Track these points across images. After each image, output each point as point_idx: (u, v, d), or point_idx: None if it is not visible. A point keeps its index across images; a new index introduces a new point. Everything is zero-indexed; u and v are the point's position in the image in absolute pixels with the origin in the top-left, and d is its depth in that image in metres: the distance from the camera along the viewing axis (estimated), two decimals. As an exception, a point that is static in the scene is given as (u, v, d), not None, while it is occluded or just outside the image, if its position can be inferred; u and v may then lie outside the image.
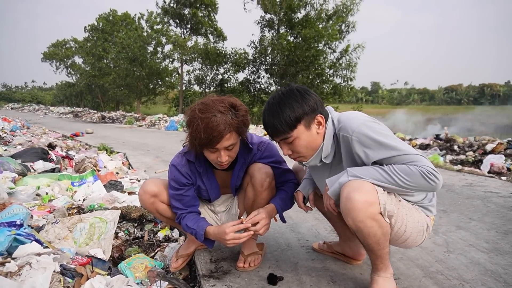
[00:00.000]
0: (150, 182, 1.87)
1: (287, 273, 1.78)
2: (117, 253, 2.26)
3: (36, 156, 4.08)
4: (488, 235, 2.27)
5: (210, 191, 1.86)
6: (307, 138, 1.49)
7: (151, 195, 1.83)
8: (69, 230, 2.09)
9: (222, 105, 1.55)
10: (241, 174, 1.82)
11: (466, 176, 4.10)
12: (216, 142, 1.53)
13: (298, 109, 1.45)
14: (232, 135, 1.56)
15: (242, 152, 1.78)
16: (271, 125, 1.49)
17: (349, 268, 1.83)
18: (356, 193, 1.36)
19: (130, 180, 4.08)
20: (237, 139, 1.62)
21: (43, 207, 2.52)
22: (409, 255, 1.97)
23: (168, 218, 1.94)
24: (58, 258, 1.73)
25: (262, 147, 1.81)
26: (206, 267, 1.88)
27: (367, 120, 1.47)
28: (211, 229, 1.69)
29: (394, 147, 1.38)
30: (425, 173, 1.33)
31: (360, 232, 1.42)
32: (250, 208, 1.84)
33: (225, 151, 1.59)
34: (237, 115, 1.57)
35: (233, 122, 1.55)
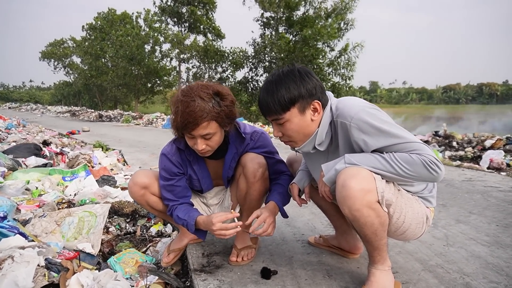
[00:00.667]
0: (140, 173, 1.81)
1: (282, 267, 1.72)
2: (107, 248, 2.20)
3: (28, 151, 4.01)
4: (488, 228, 2.21)
5: (201, 181, 1.80)
6: (299, 122, 1.42)
7: (141, 187, 1.77)
8: (57, 224, 2.02)
9: (205, 91, 1.48)
10: (233, 164, 1.76)
11: (466, 171, 4.04)
12: (191, 128, 1.47)
13: (294, 90, 1.38)
14: (210, 124, 1.49)
15: (235, 141, 1.72)
16: (265, 103, 1.42)
17: (345, 262, 1.77)
18: (353, 180, 1.29)
19: (124, 176, 4.02)
20: (216, 129, 1.54)
21: (32, 201, 2.45)
22: (407, 249, 1.91)
23: (159, 211, 1.88)
24: (44, 252, 1.66)
25: (255, 137, 1.75)
26: (198, 262, 1.81)
27: (366, 106, 1.40)
28: (201, 218, 1.62)
29: (395, 135, 1.31)
30: (427, 162, 1.26)
31: (356, 222, 1.35)
32: (243, 200, 1.78)
33: (202, 139, 1.53)
34: (220, 104, 1.50)
35: (213, 111, 1.47)
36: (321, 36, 17.22)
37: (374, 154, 1.35)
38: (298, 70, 1.42)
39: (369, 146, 1.35)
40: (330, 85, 18.56)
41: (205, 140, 1.54)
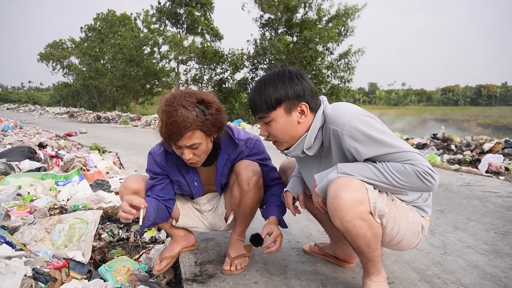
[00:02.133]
0: (131, 179, 1.78)
1: (275, 277, 1.68)
2: (99, 255, 2.16)
3: (22, 155, 3.97)
4: (487, 236, 2.18)
5: (191, 185, 1.75)
6: (284, 123, 1.40)
7: (132, 191, 1.72)
8: (47, 232, 1.98)
9: (188, 100, 1.43)
10: (225, 171, 1.72)
11: (464, 176, 4.01)
12: (176, 139, 1.44)
13: (281, 90, 1.38)
14: (194, 133, 1.44)
15: (227, 147, 1.68)
16: (252, 101, 1.43)
17: (340, 271, 1.74)
18: (344, 191, 1.25)
19: (120, 179, 3.97)
20: (202, 139, 1.49)
21: (24, 207, 2.41)
22: (404, 258, 1.87)
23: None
24: (31, 262, 1.62)
25: (250, 144, 1.71)
26: (190, 271, 1.77)
27: (360, 113, 1.36)
28: None
29: (389, 144, 1.28)
30: (420, 173, 1.23)
31: (348, 234, 1.32)
32: (237, 208, 1.74)
33: (188, 149, 1.48)
34: (205, 112, 1.45)
35: (197, 120, 1.42)
36: (321, 38, 17.23)
37: (367, 163, 1.31)
38: (289, 71, 1.42)
39: (362, 155, 1.32)
40: (329, 87, 18.58)
41: (192, 149, 1.49)
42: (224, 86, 23.57)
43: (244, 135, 1.73)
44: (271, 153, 1.84)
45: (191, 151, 1.49)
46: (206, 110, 1.46)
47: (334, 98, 19.81)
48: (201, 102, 1.46)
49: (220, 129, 1.57)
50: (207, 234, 2.25)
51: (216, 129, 1.53)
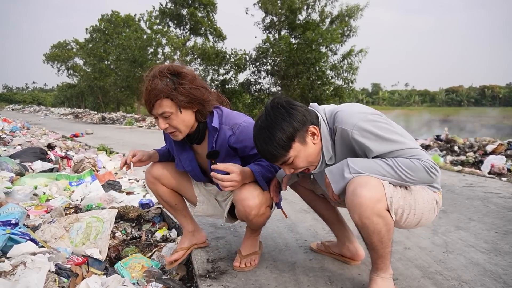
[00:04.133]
0: (156, 165, 1.88)
1: (285, 273, 1.76)
2: (114, 253, 2.25)
3: (34, 156, 4.07)
4: (488, 235, 2.25)
5: (184, 162, 1.78)
6: (305, 153, 1.44)
7: (153, 176, 1.86)
8: (66, 230, 2.07)
9: (161, 70, 1.52)
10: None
11: (466, 177, 4.07)
12: (149, 108, 1.53)
13: (288, 128, 1.39)
14: (163, 102, 1.49)
15: (212, 129, 1.65)
16: (267, 152, 1.42)
17: (347, 268, 1.82)
18: (363, 189, 1.33)
19: (129, 180, 4.07)
20: (172, 108, 1.51)
21: (40, 206, 2.51)
22: (408, 255, 1.95)
23: (165, 201, 1.94)
24: (54, 258, 1.72)
25: (236, 130, 1.63)
26: (202, 267, 1.86)
27: (368, 112, 1.43)
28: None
29: (396, 141, 1.37)
30: (428, 168, 1.33)
31: (365, 229, 1.39)
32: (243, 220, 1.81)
33: (163, 118, 1.54)
34: (175, 82, 1.49)
35: (166, 89, 1.48)
36: (324, 40, 17.31)
37: (376, 160, 1.40)
38: (282, 105, 1.43)
39: (371, 153, 1.40)
40: (333, 88, 18.67)
41: (165, 119, 1.54)
42: (227, 87, 23.66)
43: (232, 120, 1.65)
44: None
45: (165, 120, 1.54)
46: (177, 80, 1.50)
47: (338, 99, 19.89)
48: (174, 73, 1.52)
49: (195, 102, 1.55)
50: (217, 233, 2.34)
51: (188, 101, 1.53)
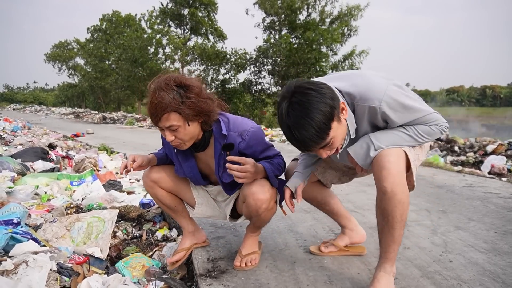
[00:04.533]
0: (153, 169, 1.85)
1: (284, 273, 1.77)
2: (115, 252, 2.26)
3: (36, 156, 4.09)
4: (487, 235, 2.26)
5: (185, 169, 1.80)
6: (341, 130, 1.38)
7: (151, 180, 1.85)
8: (67, 229, 2.09)
9: (166, 82, 1.49)
10: (221, 161, 1.71)
11: (467, 177, 4.08)
12: (155, 121, 1.52)
13: (326, 108, 1.30)
14: (171, 115, 1.48)
15: (219, 137, 1.68)
16: (308, 139, 1.32)
17: (346, 268, 1.83)
18: (390, 158, 1.40)
19: (130, 180, 4.08)
20: (180, 121, 1.51)
21: (42, 206, 2.52)
22: (407, 255, 1.96)
23: (164, 204, 1.94)
24: (55, 257, 1.73)
25: (245, 136, 1.66)
26: (203, 267, 1.87)
27: (389, 83, 1.41)
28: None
29: (418, 109, 1.45)
30: (444, 130, 1.49)
31: (393, 199, 1.40)
32: (250, 219, 1.82)
33: (169, 131, 1.53)
34: (182, 96, 1.48)
35: (173, 103, 1.46)
36: (324, 40, 17.32)
37: (398, 131, 1.46)
38: (309, 87, 1.33)
39: (395, 123, 1.46)
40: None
41: (172, 131, 1.53)
42: (228, 87, 23.69)
43: (240, 127, 1.68)
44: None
45: (172, 133, 1.53)
46: (184, 93, 1.49)
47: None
48: (180, 86, 1.49)
49: (202, 114, 1.56)
50: (217, 232, 2.35)
51: (195, 114, 1.53)
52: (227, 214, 1.93)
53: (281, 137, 9.17)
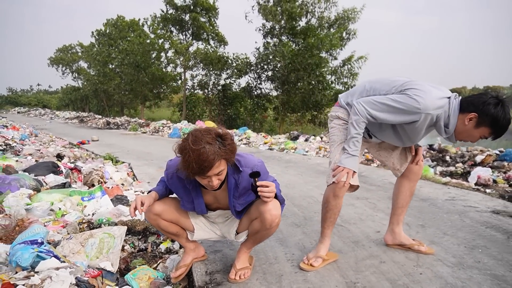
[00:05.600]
0: (155, 204, 2.07)
1: (272, 285, 2.04)
2: (123, 264, 2.53)
3: (47, 169, 4.37)
4: (457, 250, 2.51)
5: (196, 205, 2.08)
6: None
7: (154, 214, 2.08)
8: (82, 245, 2.36)
9: (209, 137, 1.75)
10: (236, 194, 2.00)
11: (451, 190, 4.32)
12: (207, 171, 1.75)
13: None
14: (221, 163, 1.78)
15: (232, 173, 1.96)
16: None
17: (326, 281, 2.08)
18: None
19: (135, 192, 4.35)
20: (225, 165, 1.84)
21: (57, 222, 2.79)
22: (382, 269, 2.22)
23: (167, 232, 2.20)
24: (74, 271, 2.00)
25: (255, 169, 1.96)
26: (201, 279, 2.14)
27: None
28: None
29: None
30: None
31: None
32: (254, 234, 2.09)
33: (215, 176, 1.81)
34: (224, 144, 1.78)
35: (221, 151, 1.75)
36: (323, 45, 17.54)
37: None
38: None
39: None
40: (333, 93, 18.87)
41: (218, 176, 1.83)
42: (229, 92, 23.96)
43: (250, 162, 1.98)
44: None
45: (217, 177, 1.83)
46: (223, 141, 1.79)
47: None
48: (219, 136, 1.80)
49: (233, 155, 1.89)
50: (215, 246, 2.62)
51: (233, 155, 1.87)
52: (232, 233, 2.21)
53: (279, 146, 9.42)
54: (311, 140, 9.70)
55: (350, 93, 2.31)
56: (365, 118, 2.08)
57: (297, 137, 10.43)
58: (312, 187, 4.58)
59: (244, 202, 2.03)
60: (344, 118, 2.27)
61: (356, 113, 2.10)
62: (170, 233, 2.21)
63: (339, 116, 2.29)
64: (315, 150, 8.27)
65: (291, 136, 10.72)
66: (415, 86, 2.01)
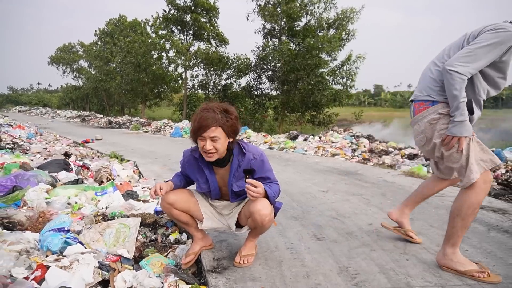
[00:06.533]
0: (169, 194, 2.34)
1: (273, 269, 2.28)
2: (137, 253, 2.77)
3: (59, 167, 4.61)
4: (441, 240, 2.70)
5: (210, 184, 2.34)
6: None
7: (168, 203, 2.35)
8: (100, 234, 2.60)
9: (217, 107, 2.10)
10: (236, 173, 2.25)
11: (441, 187, 4.57)
12: (204, 131, 2.05)
13: None
14: (217, 129, 2.06)
15: (238, 155, 2.23)
16: None
17: (321, 266, 2.33)
18: None
19: (142, 188, 4.59)
20: (221, 134, 2.06)
21: (75, 214, 3.04)
22: (372, 256, 2.47)
23: (179, 220, 2.46)
24: (96, 256, 2.24)
25: (257, 156, 2.22)
26: (210, 264, 2.38)
27: None
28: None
29: None
30: None
31: None
32: (253, 229, 2.35)
33: (210, 140, 2.08)
34: (227, 117, 2.08)
35: (221, 120, 2.06)
36: (322, 47, 17.79)
37: None
38: None
39: None
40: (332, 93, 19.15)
41: (212, 141, 2.09)
42: (229, 91, 24.21)
43: (254, 149, 2.26)
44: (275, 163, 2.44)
45: (212, 143, 2.08)
46: (228, 115, 2.09)
47: (337, 104, 20.39)
48: (225, 111, 2.10)
49: (235, 134, 2.14)
50: (221, 236, 2.86)
51: (232, 132, 2.10)
52: (232, 226, 2.45)
53: (279, 145, 9.66)
54: (309, 140, 9.94)
55: (425, 84, 2.20)
56: (467, 73, 1.96)
57: (296, 136, 10.67)
58: (310, 184, 4.82)
59: (241, 186, 2.24)
60: (447, 112, 2.09)
61: (454, 78, 1.96)
62: (181, 221, 2.46)
63: (442, 112, 2.11)
64: (313, 150, 8.52)
65: (291, 135, 10.95)
66: (488, 27, 1.98)
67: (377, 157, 7.17)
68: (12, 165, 4.05)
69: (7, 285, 1.78)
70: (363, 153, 7.71)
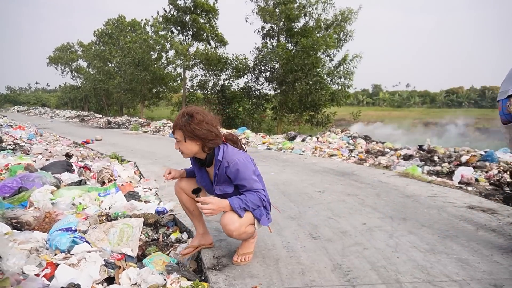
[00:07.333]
0: (182, 180, 2.57)
1: (270, 267, 2.40)
2: (140, 251, 2.89)
3: (62, 168, 4.72)
4: (431, 239, 2.88)
5: (201, 177, 2.49)
6: None
7: (179, 187, 2.57)
8: (105, 234, 2.72)
9: (186, 111, 2.26)
10: (218, 177, 2.34)
11: (434, 187, 4.71)
12: (172, 132, 2.29)
13: None
14: (178, 132, 2.26)
15: (216, 160, 2.32)
16: None
17: (316, 263, 2.45)
18: None
19: (143, 189, 4.71)
20: (181, 138, 2.23)
21: (80, 215, 3.15)
22: (364, 254, 2.59)
23: (186, 207, 2.62)
24: (102, 255, 2.36)
25: (231, 164, 2.23)
26: (210, 262, 2.50)
27: None
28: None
29: None
30: None
31: None
32: None
33: (176, 142, 2.30)
34: (188, 121, 2.21)
35: (181, 123, 2.23)
36: (319, 46, 17.93)
37: None
38: None
39: None
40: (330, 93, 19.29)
41: (177, 142, 2.27)
42: (228, 92, 24.33)
43: (231, 156, 2.25)
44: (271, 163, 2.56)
45: (177, 143, 2.30)
46: (190, 119, 2.22)
47: (335, 104, 20.53)
48: (189, 115, 2.23)
49: (197, 138, 2.21)
50: (220, 236, 2.98)
51: (192, 136, 2.20)
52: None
53: (277, 145, 9.78)
54: (307, 141, 10.07)
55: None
56: None
57: (294, 137, 10.79)
58: (307, 184, 4.95)
59: (223, 190, 2.34)
60: None
61: None
62: (188, 208, 2.62)
63: None
64: (311, 150, 8.64)
65: (289, 136, 11.08)
66: None
67: (374, 158, 7.30)
68: (17, 167, 4.16)
69: (20, 281, 1.90)
70: (360, 153, 7.84)
